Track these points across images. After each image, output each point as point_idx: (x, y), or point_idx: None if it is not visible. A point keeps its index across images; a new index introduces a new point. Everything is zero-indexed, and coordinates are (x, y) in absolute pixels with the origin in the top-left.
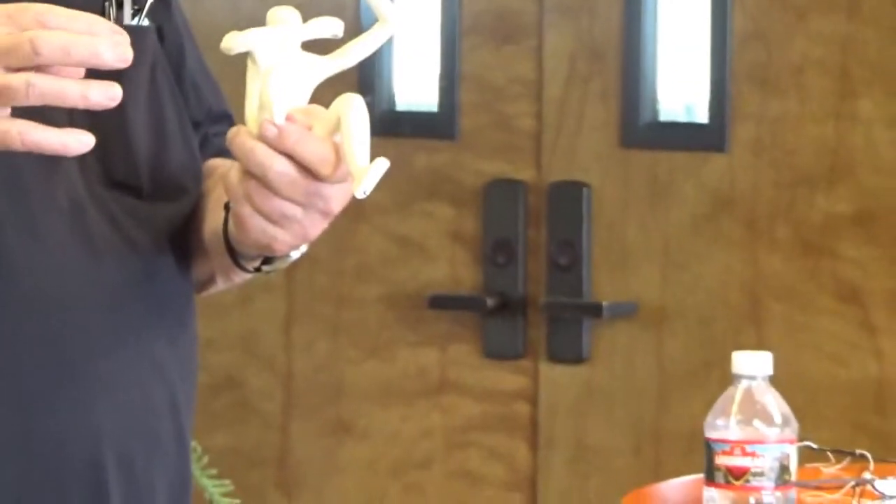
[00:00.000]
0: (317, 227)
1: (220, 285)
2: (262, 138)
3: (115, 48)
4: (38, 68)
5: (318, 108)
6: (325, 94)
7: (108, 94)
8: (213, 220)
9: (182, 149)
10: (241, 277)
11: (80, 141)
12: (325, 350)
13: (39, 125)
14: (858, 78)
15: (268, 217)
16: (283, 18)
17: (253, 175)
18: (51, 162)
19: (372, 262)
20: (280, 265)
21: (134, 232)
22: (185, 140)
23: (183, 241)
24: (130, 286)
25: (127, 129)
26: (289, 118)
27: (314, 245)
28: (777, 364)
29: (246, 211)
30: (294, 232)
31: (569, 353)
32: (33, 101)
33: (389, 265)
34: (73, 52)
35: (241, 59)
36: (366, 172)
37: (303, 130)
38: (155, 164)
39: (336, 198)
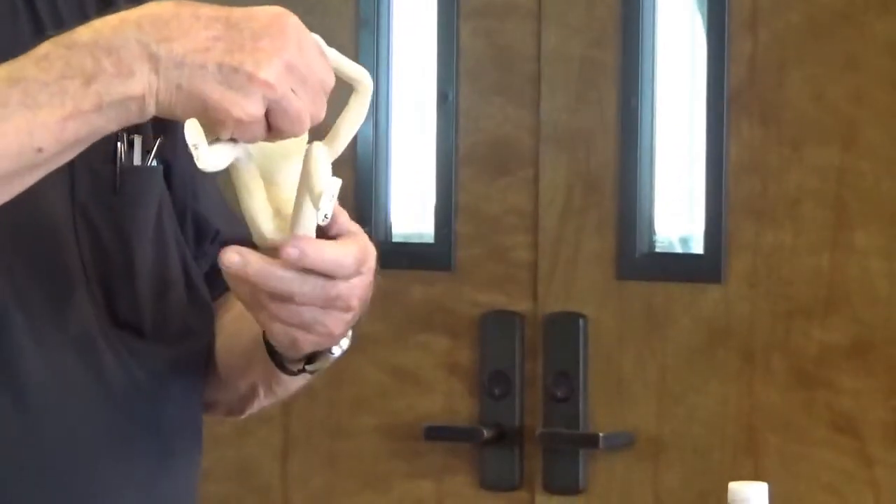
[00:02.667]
0: (340, 325)
1: (263, 400)
2: (284, 262)
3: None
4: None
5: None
6: None
7: None
8: (250, 328)
9: (185, 293)
10: (283, 388)
11: None
12: (321, 482)
13: None
14: (854, 209)
15: (287, 323)
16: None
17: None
18: (63, 294)
19: (368, 393)
20: (323, 364)
21: (138, 371)
22: (188, 283)
23: (193, 379)
24: (133, 425)
25: (132, 270)
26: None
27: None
28: (773, 495)
29: (264, 318)
30: (318, 332)
31: (565, 484)
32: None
33: (385, 396)
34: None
35: None
36: (320, 197)
37: (317, 244)
38: (157, 306)
39: (354, 294)
